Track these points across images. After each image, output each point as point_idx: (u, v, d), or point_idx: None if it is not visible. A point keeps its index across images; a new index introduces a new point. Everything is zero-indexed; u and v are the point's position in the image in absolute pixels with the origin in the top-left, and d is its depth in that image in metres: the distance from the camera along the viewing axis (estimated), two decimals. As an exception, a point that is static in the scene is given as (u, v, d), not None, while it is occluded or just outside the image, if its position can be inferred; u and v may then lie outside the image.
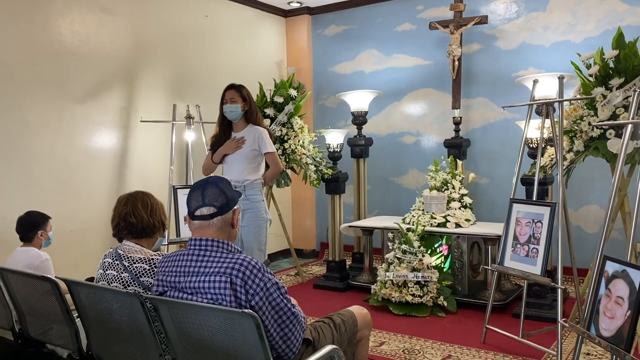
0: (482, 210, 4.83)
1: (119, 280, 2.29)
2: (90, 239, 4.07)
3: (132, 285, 2.27)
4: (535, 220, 3.08)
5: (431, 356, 3.17)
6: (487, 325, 3.34)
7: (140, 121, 4.43)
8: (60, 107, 4.01)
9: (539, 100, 3.37)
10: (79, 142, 4.14)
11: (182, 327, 2.01)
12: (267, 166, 3.61)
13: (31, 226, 3.22)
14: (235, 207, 2.06)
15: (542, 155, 3.63)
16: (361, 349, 2.51)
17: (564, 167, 3.14)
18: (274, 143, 3.69)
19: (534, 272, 3.00)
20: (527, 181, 3.82)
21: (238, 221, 2.09)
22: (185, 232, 4.12)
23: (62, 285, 3.18)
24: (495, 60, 5.03)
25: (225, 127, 3.53)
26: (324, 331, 2.30)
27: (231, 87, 3.51)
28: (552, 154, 3.56)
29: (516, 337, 3.15)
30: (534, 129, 3.74)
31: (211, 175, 3.28)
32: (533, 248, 3.06)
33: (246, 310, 1.78)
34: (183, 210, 4.23)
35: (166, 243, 4.25)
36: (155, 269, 2.25)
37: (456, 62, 4.81)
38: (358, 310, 2.53)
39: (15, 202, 3.67)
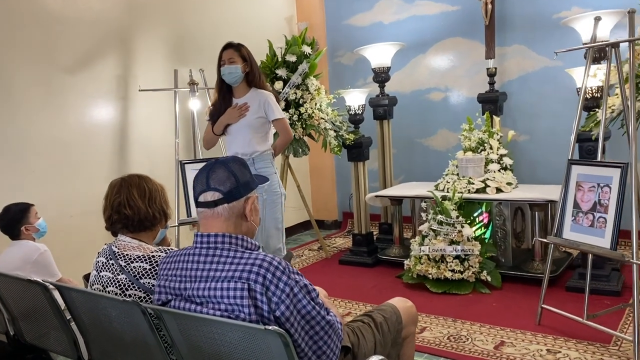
0: (522, 172, 4.35)
1: (116, 284, 1.91)
2: (92, 223, 3.66)
3: (131, 289, 1.89)
4: (602, 185, 2.62)
5: (481, 343, 2.79)
6: (542, 305, 2.93)
7: (139, 90, 3.98)
8: (49, 79, 3.57)
9: (602, 42, 2.85)
10: (72, 117, 3.72)
11: (192, 341, 1.65)
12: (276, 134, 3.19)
13: (11, 224, 2.87)
14: (249, 195, 1.64)
15: (599, 108, 3.14)
16: (407, 348, 2.12)
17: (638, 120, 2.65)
18: (286, 108, 3.23)
19: (602, 245, 2.56)
20: (580, 137, 3.32)
21: (256, 212, 1.67)
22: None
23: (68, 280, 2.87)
24: (532, 1, 4.44)
25: (224, 94, 3.10)
26: (364, 334, 1.91)
27: (229, 46, 3.06)
28: (612, 105, 3.06)
29: (580, 319, 2.73)
30: (590, 76, 3.22)
31: (233, 155, 2.87)
32: (599, 217, 2.61)
33: (271, 327, 1.40)
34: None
35: (177, 224, 3.87)
36: (158, 268, 1.87)
37: (489, 6, 4.26)
38: (401, 303, 2.12)
39: (2, 189, 3.29)
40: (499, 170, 3.89)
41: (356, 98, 4.35)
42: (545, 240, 3.00)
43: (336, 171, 5.70)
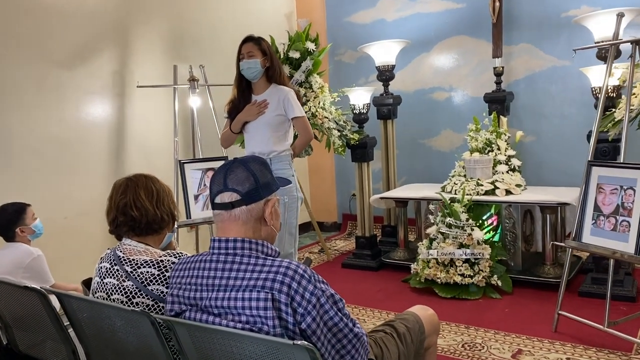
0: (529, 173, 4.25)
1: (121, 291, 1.77)
2: (88, 224, 3.54)
3: (138, 297, 1.76)
4: (625, 187, 2.53)
5: (498, 352, 2.68)
6: (560, 312, 2.83)
7: (137, 87, 3.83)
8: (43, 74, 3.42)
9: (624, 39, 2.76)
10: (67, 114, 3.56)
11: (206, 355, 1.52)
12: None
13: (6, 225, 2.71)
14: (269, 197, 1.51)
15: (617, 107, 3.06)
16: (429, 359, 2.00)
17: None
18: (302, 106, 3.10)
19: (626, 249, 2.47)
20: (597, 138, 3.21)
21: (277, 216, 1.55)
22: (197, 214, 3.59)
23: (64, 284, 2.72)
24: (540, -1, 4.36)
25: (243, 90, 2.95)
26: (387, 345, 1.80)
27: (248, 39, 2.91)
28: (632, 105, 2.96)
29: (600, 327, 2.63)
30: (607, 76, 3.14)
31: (253, 155, 2.72)
32: (623, 221, 2.51)
33: (299, 342, 1.28)
34: (192, 188, 3.69)
35: (175, 227, 3.71)
36: (167, 274, 1.74)
37: (497, 3, 4.16)
38: (422, 311, 2.01)
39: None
40: (507, 172, 3.79)
41: (361, 97, 4.23)
42: (563, 244, 2.90)
43: (336, 171, 5.58)
